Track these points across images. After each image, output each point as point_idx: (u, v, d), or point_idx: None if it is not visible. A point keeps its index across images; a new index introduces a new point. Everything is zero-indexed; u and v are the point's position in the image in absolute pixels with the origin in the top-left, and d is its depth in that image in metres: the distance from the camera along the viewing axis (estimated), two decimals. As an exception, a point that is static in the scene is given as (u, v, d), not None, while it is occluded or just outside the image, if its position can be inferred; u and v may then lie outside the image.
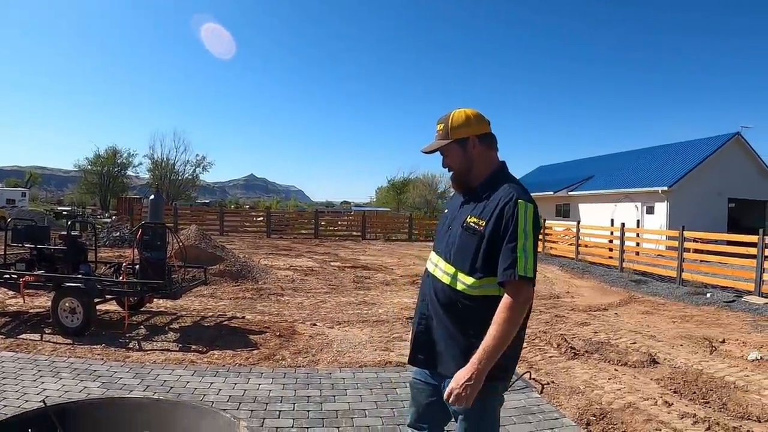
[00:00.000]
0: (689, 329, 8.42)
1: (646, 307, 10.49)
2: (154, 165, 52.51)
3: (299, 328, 7.23)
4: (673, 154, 28.32)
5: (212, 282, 9.89)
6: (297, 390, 4.81)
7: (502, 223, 2.11)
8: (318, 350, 6.21)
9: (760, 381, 5.83)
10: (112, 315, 7.45)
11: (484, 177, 2.31)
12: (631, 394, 5.23)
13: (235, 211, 42.98)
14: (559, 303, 10.55)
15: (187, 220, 26.10)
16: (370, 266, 15.62)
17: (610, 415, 4.63)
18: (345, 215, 44.51)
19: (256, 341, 6.43)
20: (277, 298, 9.52)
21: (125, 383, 4.76)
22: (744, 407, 4.96)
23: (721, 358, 6.77)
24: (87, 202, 55.42)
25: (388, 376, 5.39)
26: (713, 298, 11.42)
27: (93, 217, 30.63)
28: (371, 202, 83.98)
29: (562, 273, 15.70)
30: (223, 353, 5.85)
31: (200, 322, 7.27)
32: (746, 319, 9.44)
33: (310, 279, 12.25)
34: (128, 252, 14.66)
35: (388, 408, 4.51)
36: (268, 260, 15.40)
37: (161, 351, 5.86)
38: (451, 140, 2.29)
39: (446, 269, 2.25)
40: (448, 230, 2.33)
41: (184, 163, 53.88)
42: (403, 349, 6.47)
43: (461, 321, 2.20)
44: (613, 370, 6.04)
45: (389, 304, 9.59)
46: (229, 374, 5.14)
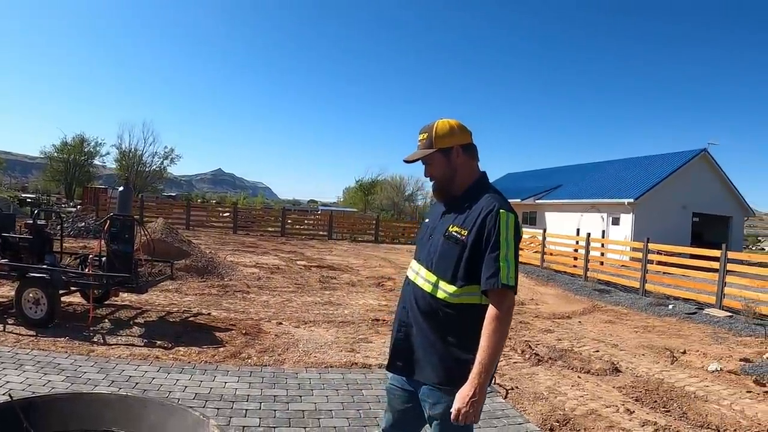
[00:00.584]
0: (651, 339, 8.59)
1: (609, 316, 10.67)
2: (122, 155, 51.67)
3: (265, 327, 7.17)
4: (640, 167, 28.90)
5: (178, 277, 9.76)
6: (263, 389, 4.77)
7: (484, 233, 2.14)
8: (284, 350, 6.18)
9: (720, 392, 5.99)
10: (76, 307, 7.29)
11: (466, 187, 2.34)
12: (593, 401, 5.32)
13: (202, 205, 42.43)
14: (524, 310, 10.66)
15: (154, 213, 25.72)
16: (336, 266, 15.62)
17: (573, 421, 4.72)
18: (312, 214, 44.38)
19: (222, 339, 6.37)
20: (243, 296, 9.44)
21: (90, 378, 4.66)
22: (704, 416, 5.10)
23: (681, 368, 6.93)
24: (52, 190, 54.13)
25: (354, 377, 5.40)
26: (675, 309, 11.66)
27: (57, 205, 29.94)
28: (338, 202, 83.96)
29: (527, 280, 15.87)
30: (188, 350, 5.78)
31: (165, 318, 7.16)
32: (707, 331, 9.67)
33: (276, 277, 12.18)
34: (93, 243, 14.36)
35: (354, 409, 4.51)
36: (234, 257, 15.27)
37: (126, 346, 5.77)
38: (435, 150, 2.31)
39: (428, 277, 2.27)
40: (430, 239, 2.35)
41: (152, 155, 53.15)
42: (369, 350, 6.50)
43: (441, 329, 2.22)
44: (576, 377, 6.13)
45: (355, 305, 9.59)
46: (195, 371, 5.08)
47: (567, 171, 36.29)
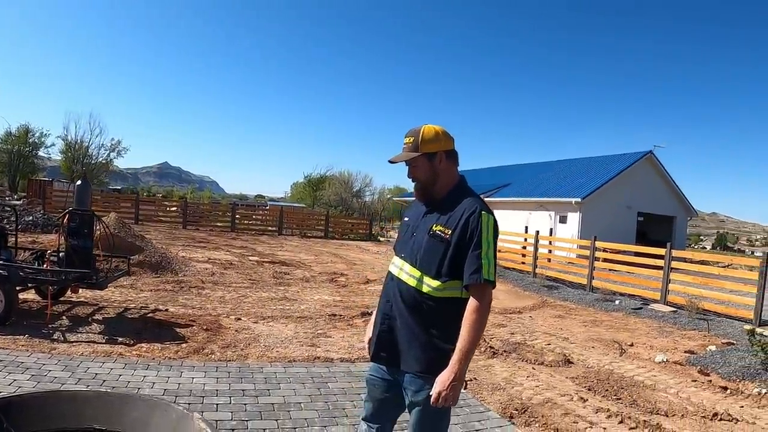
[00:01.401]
0: (600, 333, 8.93)
1: (558, 311, 11.01)
2: (68, 147, 49.96)
3: (224, 322, 7.17)
4: (588, 167, 29.72)
5: (132, 273, 9.62)
6: (231, 384, 4.81)
7: (467, 232, 2.30)
8: (246, 345, 6.20)
9: (666, 380, 6.34)
10: (31, 304, 7.11)
11: (447, 190, 2.48)
12: (548, 391, 5.56)
13: (151, 199, 41.49)
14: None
15: (100, 207, 24.99)
16: (289, 262, 15.61)
17: (530, 409, 4.93)
18: (260, 209, 43.92)
19: (184, 334, 6.34)
20: (198, 291, 9.36)
21: (56, 376, 4.59)
22: (653, 403, 5.40)
23: (630, 359, 7.26)
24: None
25: (318, 371, 5.49)
26: (622, 305, 12.13)
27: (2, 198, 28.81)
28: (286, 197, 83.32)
29: (478, 276, 16.12)
30: (151, 346, 5.73)
31: (124, 314, 7.06)
32: (652, 325, 10.12)
33: (229, 273, 12.10)
34: (42, 237, 14.01)
35: (321, 401, 4.61)
36: (187, 252, 15.06)
37: (87, 343, 5.67)
38: (420, 153, 2.43)
39: (412, 272, 2.41)
40: (413, 237, 2.48)
41: (98, 147, 51.56)
42: (329, 345, 6.60)
43: (424, 321, 2.37)
44: (530, 368, 6.37)
45: (310, 300, 9.65)
46: (161, 367, 5.07)
47: (516, 170, 37.00)
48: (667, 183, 29.60)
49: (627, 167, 27.26)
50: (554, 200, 26.72)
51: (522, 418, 4.74)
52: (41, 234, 15.23)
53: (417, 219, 2.53)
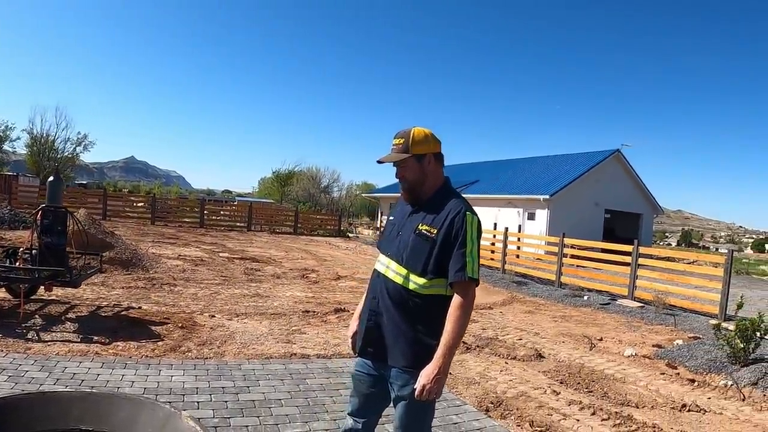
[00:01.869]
0: (569, 328, 9.13)
1: (528, 307, 11.19)
2: (33, 141, 48.76)
3: (199, 320, 7.13)
4: (556, 165, 30.16)
5: (103, 270, 9.51)
6: (210, 381, 4.81)
7: (452, 232, 2.40)
8: (222, 342, 6.19)
9: (636, 374, 6.53)
10: (2, 303, 6.96)
11: (433, 190, 2.57)
12: (522, 385, 5.70)
13: (119, 194, 40.80)
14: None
15: (67, 202, 24.31)
16: (259, 258, 15.54)
17: (505, 403, 5.06)
18: (228, 204, 43.49)
19: (159, 332, 6.30)
20: (170, 288, 9.28)
21: (33, 377, 4.52)
22: (623, 395, 5.59)
23: (600, 353, 7.45)
24: None
25: (295, 367, 5.52)
26: (590, 300, 12.38)
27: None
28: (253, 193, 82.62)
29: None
30: (127, 344, 5.69)
31: (97, 312, 6.98)
32: (621, 320, 10.37)
33: (200, 269, 12.02)
34: (9, 234, 13.69)
35: (302, 398, 4.65)
36: (156, 248, 14.88)
37: (62, 342, 5.59)
38: (410, 155, 2.50)
39: (398, 270, 2.49)
40: (398, 236, 2.56)
41: (64, 141, 50.42)
42: (305, 341, 6.63)
43: (410, 317, 2.45)
44: (503, 363, 6.51)
45: (283, 297, 9.64)
46: (139, 366, 5.04)
47: (484, 167, 37.36)
48: (634, 181, 30.25)
49: (595, 165, 27.77)
50: (523, 197, 27.05)
51: (498, 411, 4.85)
52: (8, 230, 14.89)
53: (402, 218, 2.61)
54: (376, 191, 47.31)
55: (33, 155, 48.83)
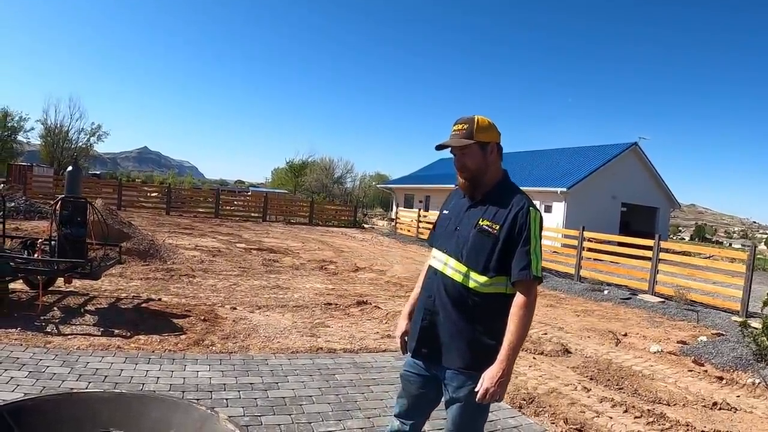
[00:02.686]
0: (593, 323, 8.98)
1: (549, 300, 11.05)
2: (47, 131, 48.97)
3: (220, 312, 7.05)
4: (573, 157, 29.90)
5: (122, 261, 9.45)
6: (237, 377, 4.70)
7: (515, 228, 2.29)
8: (246, 335, 6.10)
9: (664, 371, 6.41)
10: (20, 295, 6.90)
11: (493, 183, 2.45)
12: (552, 381, 5.59)
13: (133, 184, 40.93)
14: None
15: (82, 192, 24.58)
16: (276, 249, 15.49)
17: (538, 399, 4.95)
18: (242, 195, 43.51)
19: (181, 325, 6.21)
20: (189, 280, 9.21)
21: (54, 372, 4.41)
22: (654, 393, 5.47)
23: (626, 349, 7.32)
24: None
25: (323, 362, 5.41)
26: (610, 294, 12.22)
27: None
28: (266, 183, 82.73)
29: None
30: (149, 338, 5.60)
31: (116, 304, 6.90)
32: (642, 315, 10.20)
33: (218, 260, 11.95)
34: (25, 224, 13.70)
35: (333, 394, 4.54)
36: (173, 239, 14.84)
37: (83, 336, 5.49)
38: (475, 141, 2.38)
39: (458, 268, 2.37)
40: (456, 231, 2.44)
41: (78, 131, 50.59)
42: (329, 335, 6.52)
43: (469, 316, 2.35)
44: (531, 358, 6.39)
45: (303, 288, 9.55)
46: (163, 361, 4.93)
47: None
48: (651, 174, 29.94)
49: (612, 158, 27.51)
50: (540, 189, 26.80)
51: (531, 408, 4.75)
52: (24, 221, 14.90)
53: (459, 213, 2.49)
54: (391, 182, 47.13)
55: (47, 146, 49.09)
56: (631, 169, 28.81)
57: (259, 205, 29.59)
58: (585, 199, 25.62)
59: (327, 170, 59.35)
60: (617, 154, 27.85)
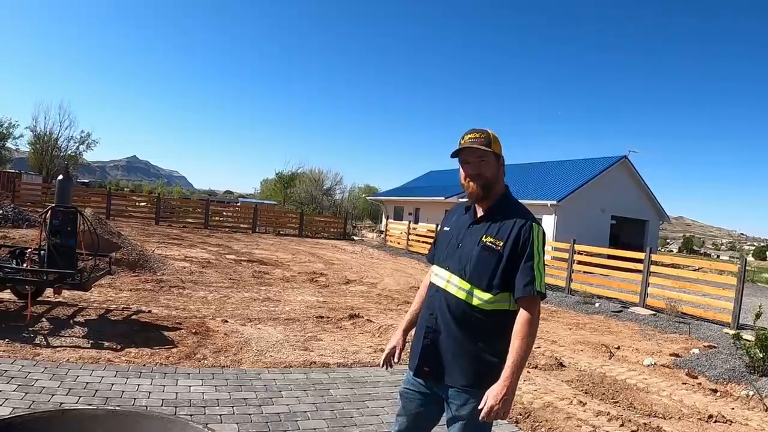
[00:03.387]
0: (585, 336, 8.97)
1: (541, 314, 11.00)
2: (36, 138, 48.47)
3: (212, 325, 6.96)
4: (563, 171, 30.06)
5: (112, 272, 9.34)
6: (231, 392, 4.62)
7: (519, 244, 2.27)
8: (238, 349, 6.02)
9: (658, 383, 6.41)
10: (8, 304, 6.78)
11: (497, 197, 2.43)
12: (547, 395, 5.56)
13: (123, 194, 40.67)
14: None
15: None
16: (267, 261, 15.44)
17: (534, 414, 4.92)
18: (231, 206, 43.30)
19: (172, 338, 6.12)
20: (179, 291, 9.13)
21: (44, 386, 4.31)
22: (649, 406, 5.46)
23: (619, 363, 7.32)
24: None
25: (317, 377, 5.34)
26: (602, 307, 12.24)
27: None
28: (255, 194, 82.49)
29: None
30: (140, 351, 5.50)
31: (106, 316, 6.79)
32: (634, 328, 10.21)
33: (208, 272, 11.87)
34: (13, 232, 13.51)
35: (328, 410, 4.47)
36: (162, 249, 14.73)
37: (72, 348, 5.39)
38: (492, 151, 2.37)
39: (461, 285, 2.34)
40: (459, 248, 2.41)
41: (67, 139, 50.09)
42: (322, 349, 6.46)
43: (473, 334, 2.33)
44: (526, 372, 6.33)
45: (294, 301, 9.49)
46: (155, 375, 4.83)
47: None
48: (641, 187, 30.12)
49: (602, 171, 27.67)
50: (530, 202, 26.81)
51: (527, 423, 4.72)
52: (12, 228, 14.70)
53: (461, 229, 2.46)
54: (380, 194, 47.12)
55: (36, 153, 48.64)
56: (621, 182, 28.98)
57: (249, 216, 29.46)
58: (575, 212, 25.70)
59: (316, 182, 59.18)
60: (607, 167, 28.02)
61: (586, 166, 29.06)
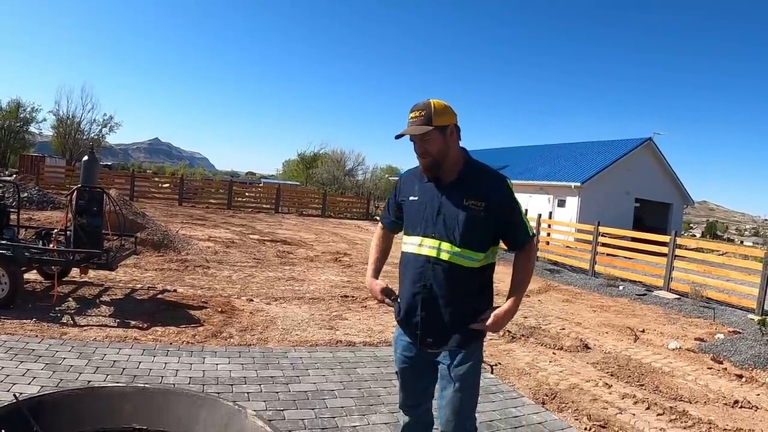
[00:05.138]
0: (609, 318, 8.90)
1: (565, 295, 10.96)
2: (59, 122, 48.99)
3: (237, 304, 7.01)
4: (588, 152, 29.64)
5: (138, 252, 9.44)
6: (258, 371, 4.65)
7: (501, 201, 2.41)
8: (263, 328, 6.06)
9: (683, 368, 6.34)
10: (35, 285, 6.88)
11: (462, 162, 2.49)
12: (573, 376, 5.54)
13: (146, 175, 41.03)
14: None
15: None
16: (290, 241, 15.47)
17: (560, 395, 4.90)
18: (253, 186, 43.51)
19: (198, 317, 6.17)
20: (204, 271, 9.19)
21: (71, 364, 4.35)
22: (675, 390, 5.41)
23: (644, 346, 7.24)
24: None
25: (343, 356, 5.36)
26: (625, 290, 12.12)
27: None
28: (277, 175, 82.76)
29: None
30: (166, 330, 5.55)
31: (132, 295, 6.87)
32: (659, 311, 10.09)
33: (232, 251, 11.94)
34: (38, 214, 13.71)
35: (355, 389, 4.49)
36: (186, 230, 14.84)
37: (99, 327, 5.44)
38: (433, 127, 2.37)
39: (453, 250, 2.40)
40: (439, 214, 2.43)
41: (90, 122, 50.56)
42: (347, 328, 6.48)
43: (469, 294, 2.45)
44: (551, 353, 6.34)
45: (318, 281, 9.52)
46: (181, 353, 4.87)
47: (514, 152, 36.88)
48: (665, 170, 29.64)
49: (627, 153, 27.24)
50: (554, 184, 26.65)
51: (554, 404, 4.70)
52: (36, 210, 14.92)
53: (433, 196, 2.48)
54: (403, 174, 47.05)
55: (59, 137, 49.16)
56: (645, 164, 28.51)
57: (272, 196, 29.55)
58: (599, 194, 25.40)
59: (338, 162, 59.10)
60: (631, 149, 27.58)
61: (611, 148, 28.63)
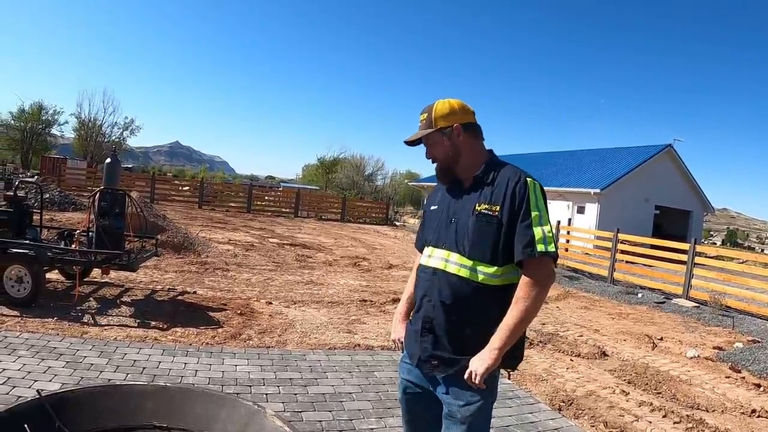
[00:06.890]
0: (628, 326, 8.84)
1: (583, 302, 10.91)
2: (81, 125, 49.59)
3: (256, 306, 7.10)
4: (607, 158, 29.36)
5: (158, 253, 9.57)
6: (276, 372, 4.72)
7: (515, 204, 2.06)
8: (282, 330, 6.13)
9: (701, 376, 6.29)
10: (56, 285, 7.02)
11: (478, 167, 2.21)
12: (590, 383, 5.53)
13: (166, 178, 41.49)
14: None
15: (115, 185, 25.02)
16: (309, 245, 15.58)
17: (577, 402, 4.90)
18: (273, 190, 43.78)
19: (218, 319, 6.26)
20: (224, 273, 9.30)
21: (92, 363, 4.44)
22: (692, 398, 5.37)
23: (662, 354, 7.19)
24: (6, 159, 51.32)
25: (361, 359, 5.42)
26: (644, 298, 12.01)
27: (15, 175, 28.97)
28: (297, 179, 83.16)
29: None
30: (186, 331, 5.65)
31: (152, 296, 6.98)
32: (677, 320, 10.00)
33: (252, 255, 12.07)
34: (60, 215, 13.94)
35: (372, 392, 4.53)
36: (206, 233, 15.02)
37: (119, 327, 5.56)
38: (435, 129, 2.21)
39: (461, 262, 2.12)
40: (452, 223, 2.19)
41: (111, 125, 51.13)
42: (366, 332, 6.54)
43: (482, 315, 2.11)
44: (568, 360, 6.33)
45: (337, 285, 9.58)
46: (201, 354, 4.96)
47: (533, 158, 36.70)
48: (685, 177, 29.29)
49: (646, 160, 26.95)
50: (573, 190, 26.42)
51: (570, 411, 4.71)
52: (58, 212, 15.17)
53: (450, 204, 2.24)
54: (422, 180, 47.02)
55: (80, 139, 49.74)
56: (665, 171, 28.18)
57: (291, 200, 29.77)
58: (618, 201, 25.15)
59: (358, 167, 59.26)
60: (651, 156, 27.26)
61: (630, 155, 28.33)
